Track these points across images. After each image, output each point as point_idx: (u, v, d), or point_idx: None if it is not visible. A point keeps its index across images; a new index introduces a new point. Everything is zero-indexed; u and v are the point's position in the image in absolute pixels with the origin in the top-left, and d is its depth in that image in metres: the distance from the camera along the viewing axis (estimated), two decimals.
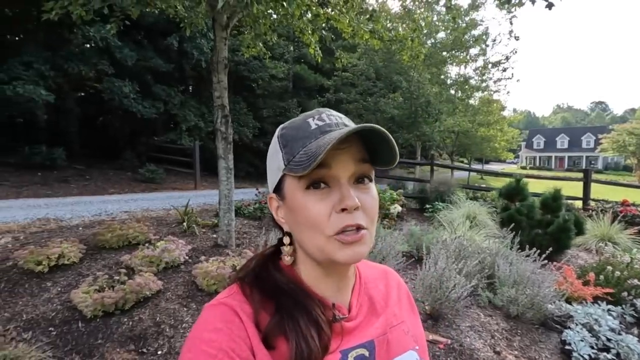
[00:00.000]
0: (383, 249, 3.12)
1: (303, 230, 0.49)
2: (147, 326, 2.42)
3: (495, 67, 15.03)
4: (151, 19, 10.09)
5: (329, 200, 0.48)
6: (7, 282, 2.82)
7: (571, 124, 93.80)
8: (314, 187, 0.48)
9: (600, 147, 34.10)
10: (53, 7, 3.13)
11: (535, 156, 56.06)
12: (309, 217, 0.48)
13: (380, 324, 0.57)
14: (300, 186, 0.48)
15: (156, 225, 4.43)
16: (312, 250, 0.50)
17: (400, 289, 0.67)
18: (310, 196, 0.48)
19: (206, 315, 0.48)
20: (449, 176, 10.80)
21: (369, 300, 0.59)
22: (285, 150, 0.50)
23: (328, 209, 0.47)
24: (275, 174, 0.52)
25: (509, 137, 23.65)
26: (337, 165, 0.48)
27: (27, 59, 8.48)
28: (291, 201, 0.50)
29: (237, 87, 14.82)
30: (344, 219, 0.47)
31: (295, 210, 0.49)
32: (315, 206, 0.47)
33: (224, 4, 2.79)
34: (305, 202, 0.48)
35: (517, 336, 2.72)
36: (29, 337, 2.25)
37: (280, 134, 0.53)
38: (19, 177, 8.24)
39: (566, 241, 4.46)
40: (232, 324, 0.46)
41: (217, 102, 3.74)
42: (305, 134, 0.50)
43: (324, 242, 0.48)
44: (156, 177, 10.21)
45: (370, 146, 0.50)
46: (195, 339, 0.46)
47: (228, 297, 0.51)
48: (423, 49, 5.02)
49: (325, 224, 0.47)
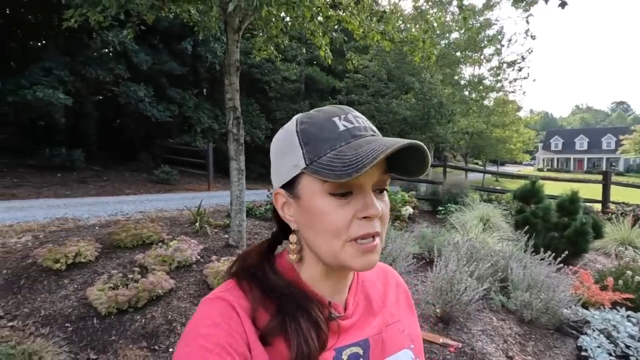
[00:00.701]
0: (393, 251, 3.10)
1: (318, 234, 0.48)
2: (159, 324, 2.46)
3: (511, 67, 14.78)
4: (166, 23, 10.31)
5: (352, 207, 0.47)
6: (26, 279, 2.92)
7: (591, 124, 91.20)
8: (341, 194, 0.46)
9: (622, 148, 33.09)
10: (72, 14, 3.24)
11: (553, 158, 54.70)
12: (330, 223, 0.46)
13: (377, 323, 0.57)
14: (324, 190, 0.46)
15: (169, 225, 4.51)
16: (325, 255, 0.49)
17: (398, 288, 0.67)
18: (333, 202, 0.46)
19: (204, 310, 0.48)
20: (463, 178, 10.65)
21: (365, 299, 0.59)
22: (307, 149, 0.48)
23: (350, 216, 0.46)
24: (288, 170, 0.50)
25: (525, 138, 23.19)
26: (365, 174, 0.45)
27: (47, 65, 8.79)
28: (308, 202, 0.48)
29: (249, 89, 14.99)
30: (365, 227, 0.46)
31: (312, 212, 0.48)
32: (337, 212, 0.46)
33: (235, 7, 2.83)
34: (326, 207, 0.46)
35: (530, 341, 2.66)
36: (47, 333, 2.33)
37: (301, 129, 0.49)
38: (40, 177, 8.51)
39: (584, 245, 4.34)
40: (230, 319, 0.46)
41: (228, 104, 3.79)
42: (332, 135, 0.47)
43: (339, 248, 0.47)
44: (171, 178, 10.40)
45: (395, 156, 0.48)
46: (192, 333, 0.46)
47: (225, 291, 0.50)
48: (435, 50, 4.98)
49: (345, 231, 0.46)
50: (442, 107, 13.25)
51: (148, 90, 10.46)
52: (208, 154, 10.45)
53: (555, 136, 56.85)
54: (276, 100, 15.72)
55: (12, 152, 10.25)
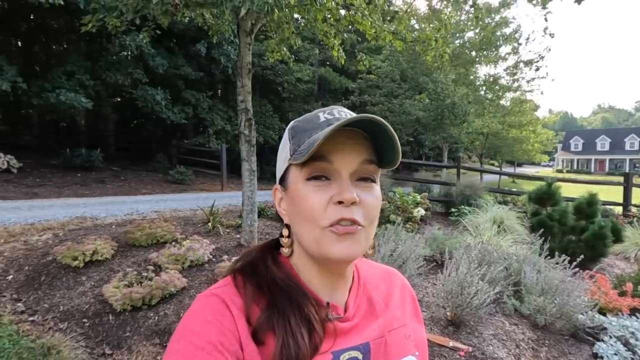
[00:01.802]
0: (403, 253, 3.08)
1: (301, 222, 0.49)
2: (171, 321, 2.52)
3: (528, 66, 14.45)
4: (181, 26, 10.52)
5: (328, 192, 0.48)
6: (46, 276, 3.03)
7: (613, 124, 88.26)
8: (315, 178, 0.48)
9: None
10: (90, 20, 3.36)
11: (573, 159, 53.17)
12: (307, 207, 0.48)
13: (378, 326, 0.55)
14: (302, 176, 0.49)
15: (183, 224, 4.60)
16: (309, 244, 0.49)
17: (404, 291, 0.65)
18: (310, 187, 0.48)
19: (197, 306, 0.48)
20: (477, 179, 10.47)
21: (367, 301, 0.57)
22: (292, 142, 0.52)
23: (325, 200, 0.47)
24: (282, 165, 0.53)
25: (543, 138, 22.61)
26: (340, 160, 0.48)
27: (69, 69, 9.10)
28: (293, 191, 0.50)
29: (263, 90, 15.13)
30: (341, 211, 0.47)
31: (295, 200, 0.50)
32: (313, 196, 0.48)
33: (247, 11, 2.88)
34: (305, 192, 0.48)
35: (544, 347, 2.60)
36: (65, 328, 2.41)
37: (291, 126, 0.54)
38: (61, 177, 8.80)
39: (602, 249, 4.21)
40: (222, 316, 0.46)
41: (241, 106, 3.84)
42: (313, 125, 0.51)
43: (319, 234, 0.47)
44: (185, 178, 10.59)
45: (378, 148, 0.50)
46: (184, 329, 0.45)
47: (220, 288, 0.50)
48: (448, 49, 4.92)
49: (321, 215, 0.47)
50: (456, 107, 13.07)
51: (165, 93, 10.70)
52: (221, 154, 10.61)
53: (575, 137, 55.23)
54: (289, 101, 15.83)
55: (36, 152, 10.65)
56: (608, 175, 38.51)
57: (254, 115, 3.95)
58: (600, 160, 50.13)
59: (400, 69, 14.52)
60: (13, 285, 2.92)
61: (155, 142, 14.58)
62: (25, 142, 12.24)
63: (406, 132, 15.54)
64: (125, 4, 3.04)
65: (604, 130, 57.59)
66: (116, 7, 3.08)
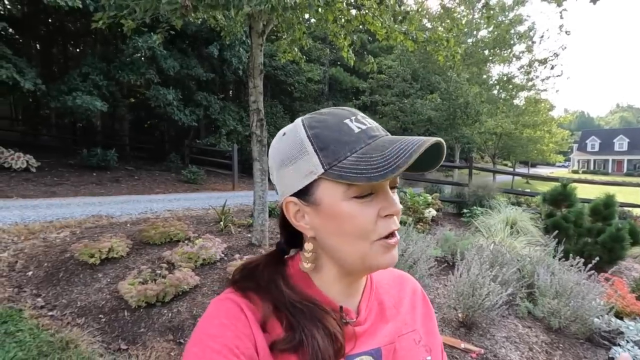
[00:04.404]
0: (414, 253, 3.06)
1: (345, 238, 0.48)
2: (184, 318, 2.57)
3: (543, 65, 14.18)
4: (194, 28, 10.67)
5: (374, 207, 0.47)
6: (65, 272, 3.12)
7: (631, 124, 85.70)
8: (363, 196, 0.47)
9: None
10: (101, 17, 3.43)
11: (589, 159, 51.82)
12: (357, 225, 0.46)
13: (389, 331, 0.54)
14: (347, 194, 0.46)
15: (195, 223, 4.67)
16: (352, 259, 0.48)
17: (415, 296, 0.64)
18: (355, 204, 0.46)
19: (213, 310, 0.49)
20: (490, 180, 10.33)
21: (378, 305, 0.57)
22: (323, 154, 0.46)
23: (374, 215, 0.47)
24: (301, 178, 0.48)
25: (558, 138, 22.08)
26: None
27: (85, 71, 9.33)
28: (330, 208, 0.47)
29: (274, 91, 15.22)
30: (390, 225, 0.48)
31: (338, 217, 0.47)
32: (362, 214, 0.46)
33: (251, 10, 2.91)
34: (351, 210, 0.46)
35: (558, 350, 2.56)
36: (82, 323, 2.48)
37: (313, 133, 0.48)
38: (78, 177, 9.02)
39: (620, 251, 4.11)
40: (237, 320, 0.46)
41: (252, 107, 3.88)
42: (350, 137, 0.47)
43: (367, 249, 0.47)
44: (198, 178, 10.73)
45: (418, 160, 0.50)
46: (201, 333, 0.46)
47: (233, 293, 0.50)
48: (459, 49, 4.86)
49: (372, 231, 0.47)
50: (468, 106, 12.91)
51: (176, 93, 10.86)
52: (233, 155, 10.72)
53: (591, 137, 53.80)
54: (300, 101, 15.88)
55: (54, 151, 10.93)
56: (626, 177, 37.47)
57: (265, 115, 3.99)
58: (618, 160, 48.74)
59: (412, 69, 14.44)
60: (33, 281, 3.01)
61: (168, 142, 14.82)
62: (44, 142, 12.57)
63: (417, 132, 15.42)
64: (137, 3, 3.10)
65: (622, 130, 55.93)
66: (127, 5, 3.14)
